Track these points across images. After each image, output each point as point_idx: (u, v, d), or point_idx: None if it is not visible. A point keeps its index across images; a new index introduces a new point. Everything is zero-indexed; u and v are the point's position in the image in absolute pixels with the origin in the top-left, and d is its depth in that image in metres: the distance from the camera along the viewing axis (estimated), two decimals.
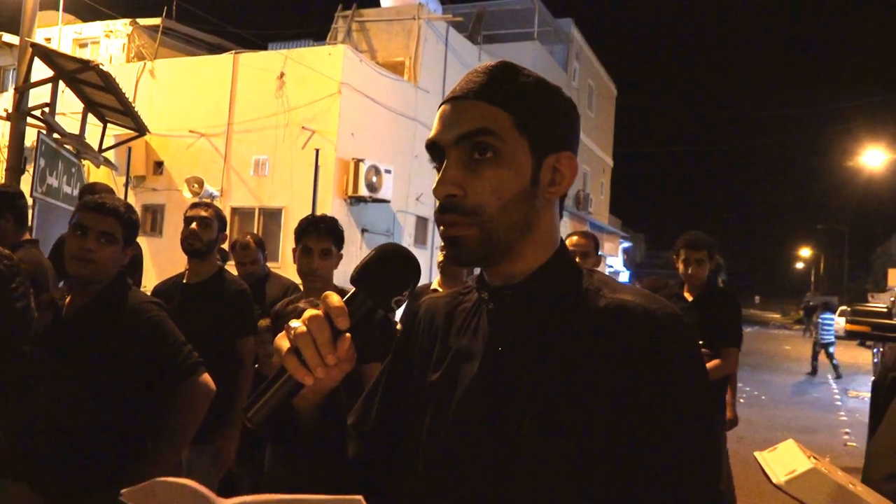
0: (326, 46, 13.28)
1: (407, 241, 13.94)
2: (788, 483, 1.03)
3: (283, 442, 0.90)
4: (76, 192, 6.96)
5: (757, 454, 1.13)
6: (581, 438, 0.83)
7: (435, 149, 0.93)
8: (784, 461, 1.13)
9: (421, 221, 14.45)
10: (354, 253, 12.81)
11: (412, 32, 14.33)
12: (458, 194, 0.89)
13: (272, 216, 12.61)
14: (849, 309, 20.81)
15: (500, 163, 0.89)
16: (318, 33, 15.42)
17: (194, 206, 3.21)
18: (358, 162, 12.21)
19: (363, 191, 12.20)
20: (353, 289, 0.85)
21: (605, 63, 25.97)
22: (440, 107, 0.95)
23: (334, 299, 0.82)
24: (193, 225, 3.08)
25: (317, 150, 12.09)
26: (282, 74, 12.50)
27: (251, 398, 0.81)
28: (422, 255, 13.90)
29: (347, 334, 0.82)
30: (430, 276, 13.64)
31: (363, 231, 12.96)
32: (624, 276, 27.51)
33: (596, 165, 25.59)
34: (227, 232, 3.36)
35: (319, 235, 2.64)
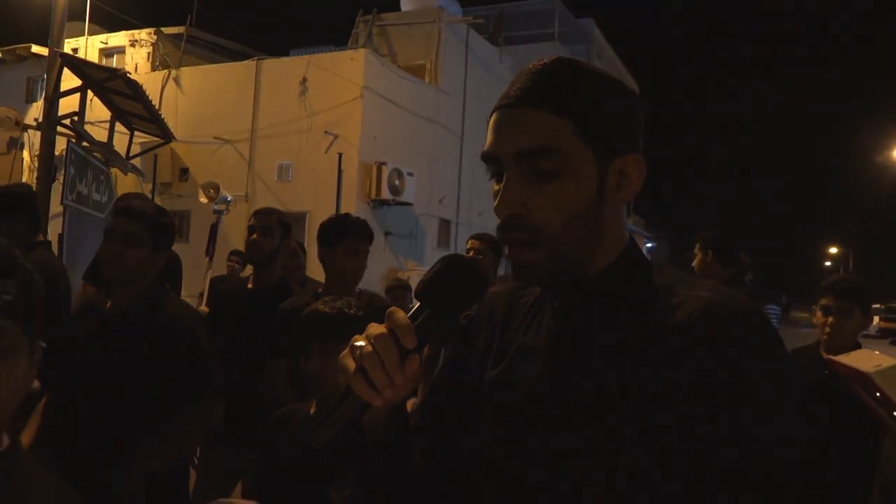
0: (348, 51, 13.34)
1: (430, 244, 13.93)
2: (877, 373, 1.03)
3: (348, 461, 0.88)
4: (105, 199, 7.06)
5: (833, 357, 1.09)
6: (659, 442, 0.79)
7: (491, 160, 0.88)
8: (861, 358, 1.13)
9: (444, 224, 14.44)
10: (378, 256, 12.84)
11: (432, 35, 14.34)
12: (522, 213, 0.84)
13: (296, 220, 12.65)
14: (882, 307, 20.45)
15: (565, 177, 0.84)
16: (339, 39, 15.49)
17: (257, 213, 3.10)
18: (380, 165, 12.24)
19: (386, 194, 12.23)
20: (416, 303, 0.81)
21: (627, 62, 25.78)
22: (493, 113, 0.90)
23: (400, 316, 0.78)
24: (254, 235, 2.99)
25: (339, 154, 12.14)
26: (304, 80, 12.58)
27: (317, 419, 0.80)
28: None
29: (415, 354, 0.78)
30: None
31: (386, 234, 12.98)
32: None
33: None
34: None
35: (363, 237, 2.65)
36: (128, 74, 8.12)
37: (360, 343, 0.78)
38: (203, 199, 5.47)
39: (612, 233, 0.89)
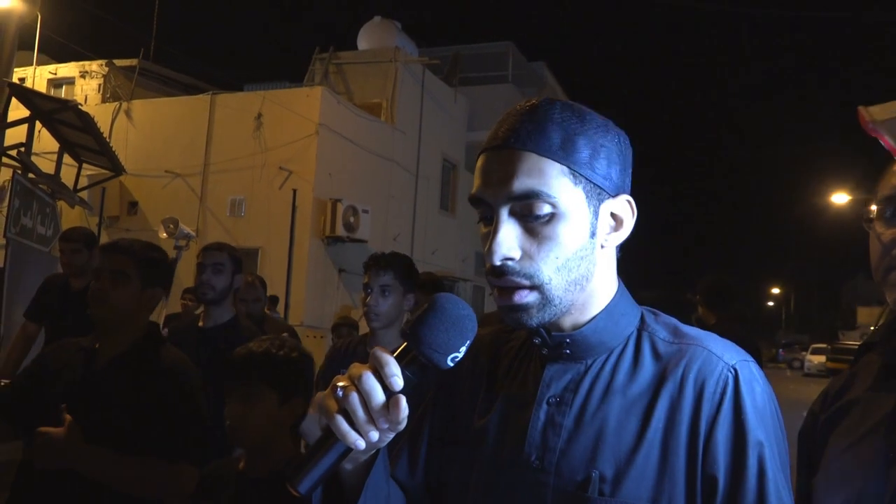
0: (304, 88, 13.41)
1: None
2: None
3: None
4: (50, 233, 6.87)
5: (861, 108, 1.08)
6: (653, 494, 0.79)
7: (481, 203, 0.86)
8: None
9: None
10: (332, 293, 12.73)
11: (389, 74, 14.53)
12: (515, 257, 0.82)
13: (248, 256, 12.49)
14: (829, 347, 21.08)
15: (557, 221, 0.82)
16: (294, 75, 15.57)
17: (206, 249, 2.98)
18: (335, 202, 12.23)
19: (341, 231, 12.20)
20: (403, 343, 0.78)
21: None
22: (482, 154, 0.88)
23: (385, 356, 0.74)
24: (205, 274, 2.88)
25: (294, 191, 12.10)
26: (259, 115, 12.56)
27: (294, 463, 0.74)
28: None
29: (401, 396, 0.73)
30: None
31: (340, 271, 12.91)
32: None
33: None
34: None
35: (379, 269, 2.52)
36: (79, 106, 7.98)
37: (342, 384, 0.74)
38: (163, 235, 5.38)
39: (602, 277, 0.88)
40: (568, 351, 0.87)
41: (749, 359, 0.84)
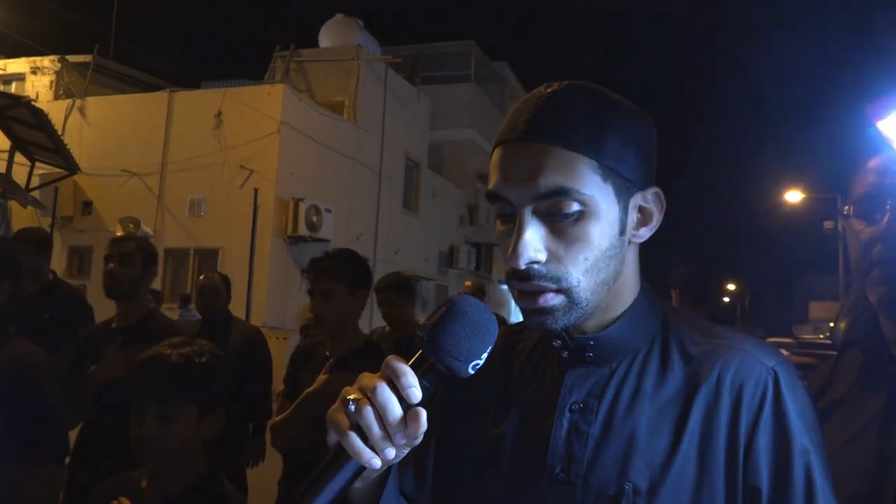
0: (265, 86, 13.25)
1: None
2: None
3: None
4: (1, 232, 6.68)
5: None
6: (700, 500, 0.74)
7: (500, 200, 0.78)
8: None
9: None
10: (294, 294, 12.61)
11: (351, 73, 14.45)
12: (541, 260, 0.76)
13: (208, 257, 12.32)
14: (794, 341, 21.54)
15: (587, 219, 0.75)
16: (254, 73, 15.35)
17: (114, 240, 2.79)
18: (298, 201, 12.12)
19: (303, 230, 12.10)
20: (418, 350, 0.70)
21: None
22: (500, 146, 0.79)
23: (401, 365, 0.67)
24: (111, 264, 2.67)
25: (255, 190, 11.95)
26: (219, 113, 12.37)
27: (304, 484, 0.66)
28: None
29: (421, 409, 0.66)
30: (371, 318, 13.51)
31: (303, 271, 12.78)
32: None
33: None
34: (161, 268, 3.07)
35: (317, 275, 2.39)
36: (32, 102, 7.76)
37: (354, 396, 0.67)
38: (120, 234, 5.26)
39: (628, 275, 0.82)
40: (591, 354, 0.81)
41: (787, 360, 0.79)
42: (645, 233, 0.82)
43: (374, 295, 3.65)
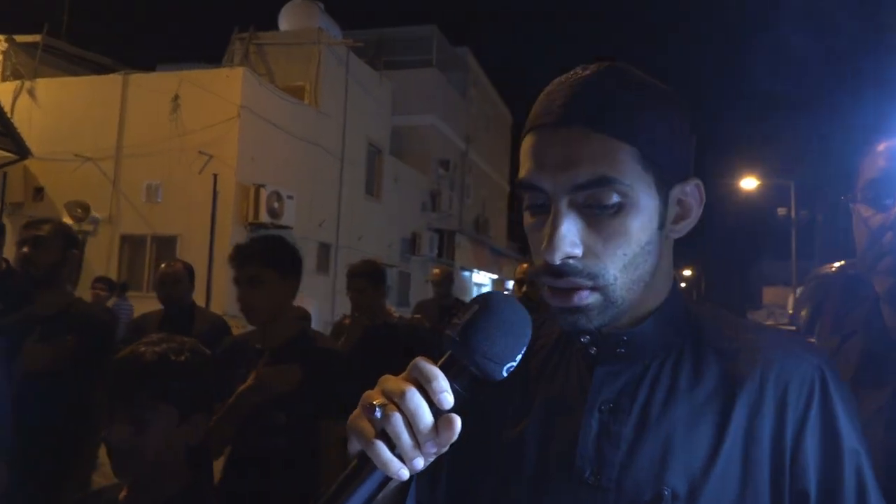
0: (224, 69, 12.97)
1: (309, 269, 13.71)
2: None
3: None
4: None
5: None
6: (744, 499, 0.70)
7: (532, 189, 0.74)
8: None
9: (323, 248, 14.26)
10: None
11: (312, 57, 14.24)
12: (577, 255, 0.71)
13: (166, 244, 12.08)
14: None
15: (627, 211, 0.71)
16: (210, 57, 15.02)
17: (26, 224, 2.65)
18: (259, 188, 11.95)
19: (264, 217, 11.94)
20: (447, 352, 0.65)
21: (501, 92, 26.78)
22: (532, 131, 0.75)
23: (432, 368, 0.62)
24: (25, 248, 2.51)
25: (214, 176, 11.72)
26: (176, 97, 12.08)
27: (324, 498, 0.62)
28: (323, 283, 13.72)
29: (455, 415, 0.62)
30: (334, 306, 13.45)
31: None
32: None
33: (494, 191, 26.20)
34: (80, 252, 2.74)
35: (242, 262, 2.26)
36: None
37: (379, 401, 0.62)
38: (68, 220, 5.12)
39: (663, 270, 0.78)
40: (622, 350, 0.77)
41: (832, 358, 0.77)
42: (684, 227, 0.78)
43: (346, 280, 3.64)
